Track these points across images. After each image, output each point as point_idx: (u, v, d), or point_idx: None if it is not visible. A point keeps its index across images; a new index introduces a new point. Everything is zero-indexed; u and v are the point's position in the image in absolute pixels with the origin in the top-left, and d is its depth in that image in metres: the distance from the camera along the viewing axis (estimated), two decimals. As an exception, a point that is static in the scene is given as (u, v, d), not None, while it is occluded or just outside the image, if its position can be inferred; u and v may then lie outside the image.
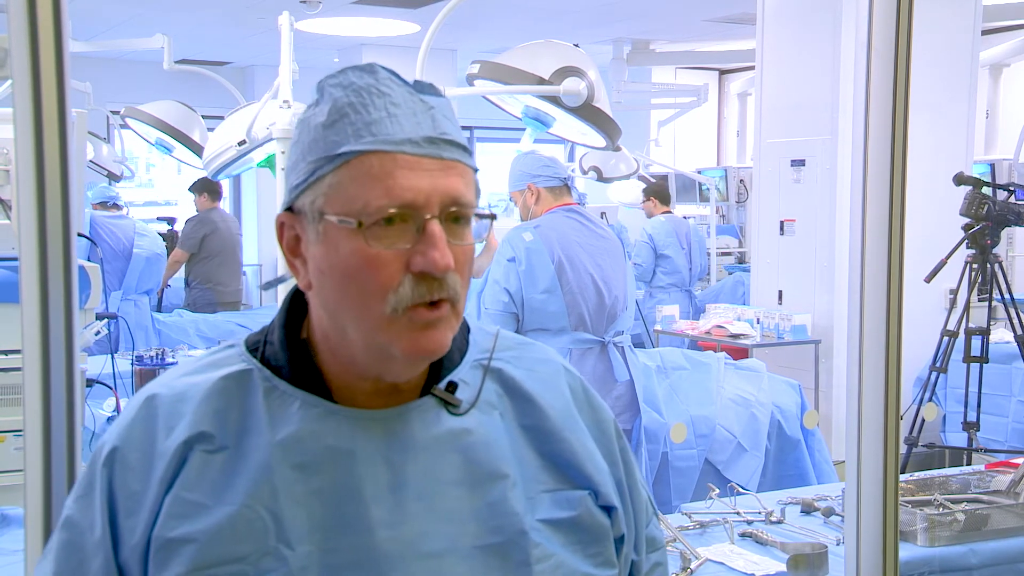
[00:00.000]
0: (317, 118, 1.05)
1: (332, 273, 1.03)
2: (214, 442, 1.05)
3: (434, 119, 1.05)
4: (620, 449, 1.21)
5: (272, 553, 1.01)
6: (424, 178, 1.01)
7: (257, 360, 1.09)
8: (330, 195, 1.02)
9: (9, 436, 2.87)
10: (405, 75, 1.10)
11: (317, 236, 1.04)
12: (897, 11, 1.45)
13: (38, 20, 1.25)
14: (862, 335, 1.53)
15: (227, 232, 7.32)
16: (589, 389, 1.22)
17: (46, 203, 1.27)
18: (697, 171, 9.43)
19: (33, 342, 1.29)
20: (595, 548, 1.12)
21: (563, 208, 3.72)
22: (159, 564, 1.02)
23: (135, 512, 1.04)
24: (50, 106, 1.26)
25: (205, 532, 1.01)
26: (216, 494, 1.03)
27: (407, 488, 1.05)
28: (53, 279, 1.28)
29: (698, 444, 4.12)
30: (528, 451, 1.12)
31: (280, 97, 3.07)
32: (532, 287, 3.55)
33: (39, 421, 1.29)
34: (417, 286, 1.01)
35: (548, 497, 1.11)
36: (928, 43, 5.54)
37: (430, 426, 1.08)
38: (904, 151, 1.49)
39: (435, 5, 6.88)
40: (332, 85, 1.06)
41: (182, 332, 6.23)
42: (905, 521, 2.47)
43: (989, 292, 4.90)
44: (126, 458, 1.06)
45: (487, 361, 1.15)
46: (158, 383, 1.10)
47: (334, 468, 1.04)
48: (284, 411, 1.06)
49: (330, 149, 1.02)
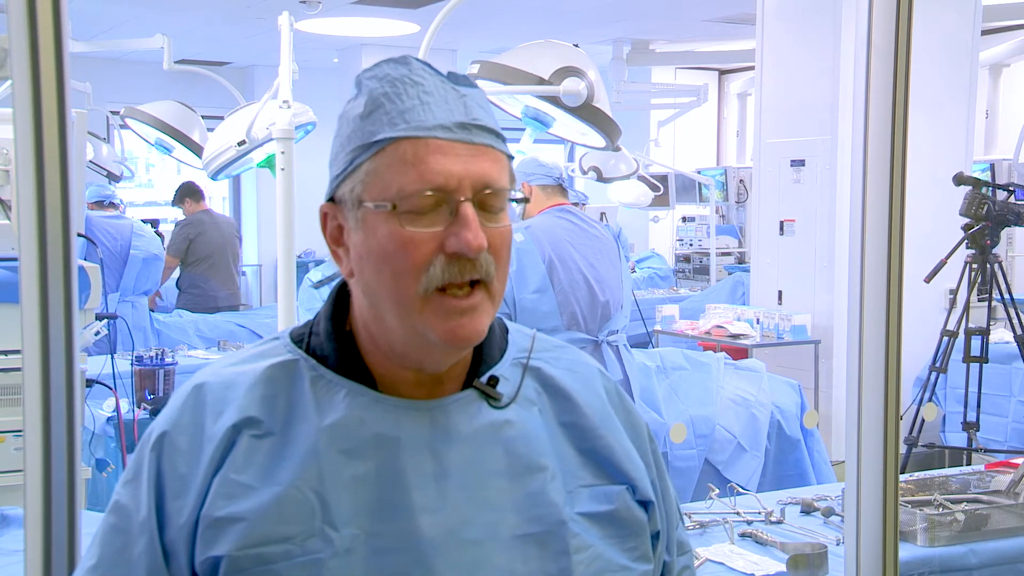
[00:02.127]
0: (355, 110, 1.09)
1: (370, 257, 1.06)
2: (262, 427, 1.07)
3: (466, 106, 1.08)
4: (653, 451, 1.24)
5: (318, 534, 1.03)
6: (456, 162, 1.04)
7: (302, 351, 1.12)
8: (367, 182, 1.06)
9: (9, 436, 2.87)
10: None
11: (356, 223, 1.07)
12: (897, 11, 1.45)
13: (38, 20, 1.25)
14: (862, 335, 1.53)
15: (216, 234, 7.16)
16: (623, 392, 1.25)
17: (46, 203, 1.27)
18: (697, 171, 9.43)
19: (33, 342, 1.28)
20: (632, 542, 1.15)
21: (556, 208, 3.72)
22: (207, 542, 1.04)
23: (183, 494, 1.06)
24: (50, 106, 1.26)
25: (253, 511, 1.03)
26: (264, 476, 1.05)
27: (450, 476, 1.07)
28: (53, 279, 1.28)
29: (698, 444, 4.12)
30: (567, 447, 1.14)
31: (280, 97, 3.07)
32: (523, 287, 3.55)
33: (39, 421, 1.29)
34: (449, 267, 1.04)
35: (586, 492, 1.13)
36: (928, 43, 5.54)
37: (472, 418, 1.11)
38: (904, 151, 1.49)
39: (435, 5, 6.88)
40: (368, 78, 1.10)
41: (182, 332, 6.23)
42: (905, 521, 2.46)
43: (989, 292, 4.90)
44: (175, 442, 1.08)
45: (526, 359, 1.18)
46: (205, 373, 1.13)
47: (380, 455, 1.06)
48: (331, 399, 1.08)
49: (366, 138, 1.06)
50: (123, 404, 3.82)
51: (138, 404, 3.92)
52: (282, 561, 1.02)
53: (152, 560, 1.06)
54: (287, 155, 3.04)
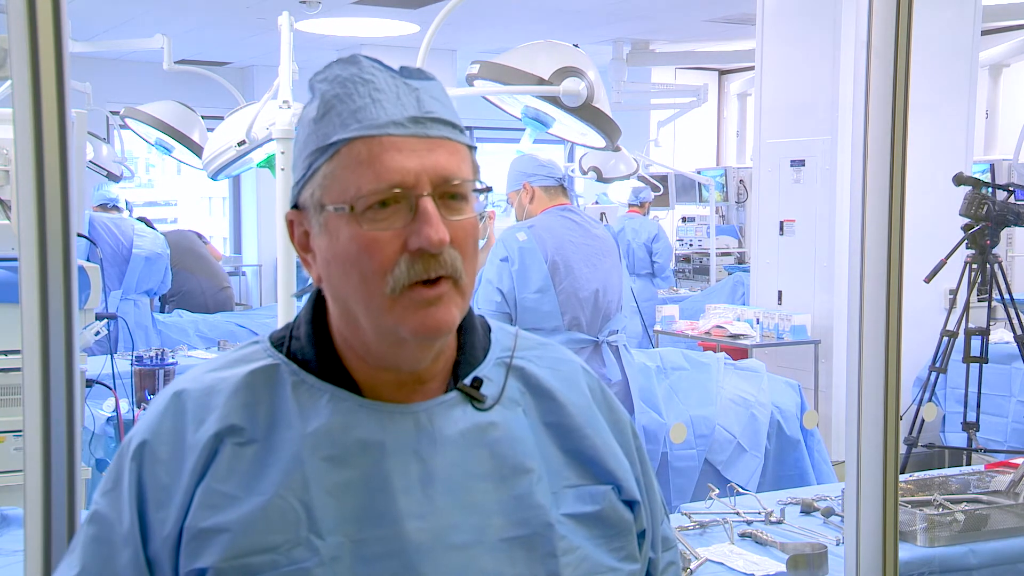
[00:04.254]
0: (309, 114, 1.08)
1: (336, 261, 1.05)
2: (244, 435, 1.06)
3: (419, 99, 1.06)
4: (637, 448, 1.23)
5: (304, 543, 1.02)
6: (411, 158, 1.03)
7: (283, 355, 1.11)
8: (326, 185, 1.05)
9: (9, 436, 2.87)
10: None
11: (320, 228, 1.06)
12: (897, 11, 1.45)
13: (38, 20, 1.25)
14: (862, 335, 1.53)
15: (176, 249, 6.80)
16: (606, 389, 1.24)
17: (46, 203, 1.27)
18: (697, 171, 9.43)
19: (33, 342, 1.28)
20: (619, 542, 1.14)
21: (558, 208, 3.72)
22: (191, 554, 1.03)
23: (165, 504, 1.05)
24: (50, 106, 1.26)
25: (238, 522, 1.02)
26: (248, 485, 1.04)
27: (435, 481, 1.06)
28: (53, 279, 1.28)
29: (698, 444, 4.12)
30: (551, 447, 1.13)
31: (280, 97, 3.06)
32: (525, 287, 3.55)
33: (39, 421, 1.29)
34: (413, 264, 1.02)
35: (572, 492, 1.12)
36: (928, 43, 5.54)
37: (457, 421, 1.09)
38: (904, 151, 1.49)
39: (435, 5, 6.88)
40: (319, 80, 1.09)
41: (182, 332, 6.23)
42: (905, 521, 2.46)
43: (989, 292, 4.90)
44: (156, 451, 1.07)
45: (509, 359, 1.16)
46: (185, 379, 1.12)
47: (364, 460, 1.05)
48: (313, 404, 1.07)
49: (321, 141, 1.05)
50: (123, 404, 3.82)
51: (138, 404, 3.92)
52: (268, 571, 1.01)
53: (137, 572, 1.05)
54: (287, 155, 3.04)
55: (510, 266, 3.56)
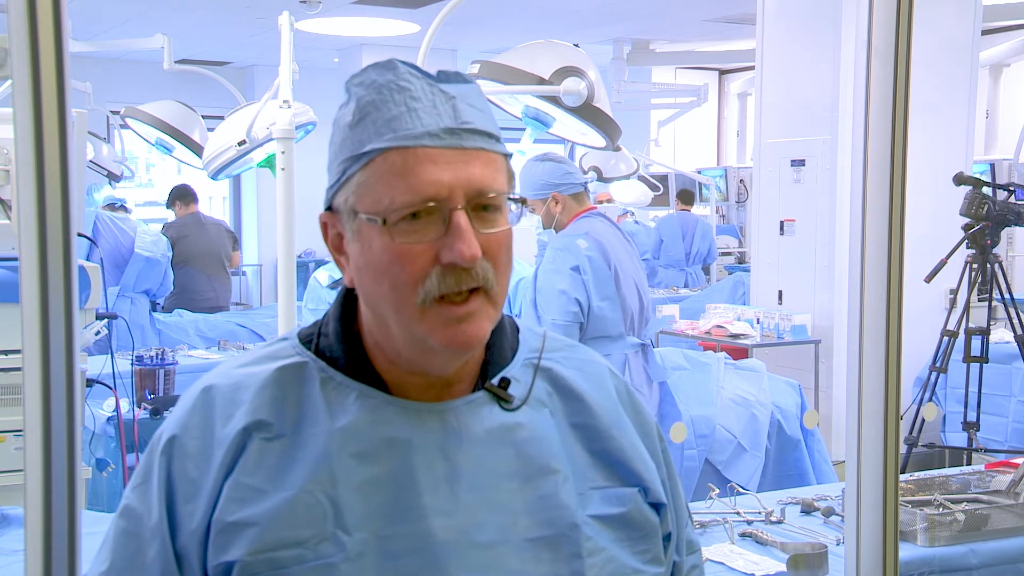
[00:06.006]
0: (345, 118, 1.07)
1: (368, 269, 1.05)
2: (272, 430, 1.06)
3: (455, 108, 1.05)
4: (662, 450, 1.23)
5: (330, 538, 1.03)
6: (446, 171, 1.02)
7: (311, 352, 1.11)
8: (360, 193, 1.04)
9: (9, 436, 2.87)
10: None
11: (353, 234, 1.06)
12: (897, 11, 1.45)
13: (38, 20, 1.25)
14: (862, 335, 1.53)
15: (201, 238, 7.04)
16: (632, 391, 1.24)
17: (46, 203, 1.27)
18: (697, 171, 9.43)
19: (33, 342, 1.28)
20: (644, 545, 1.14)
21: (593, 213, 3.72)
22: (219, 547, 1.03)
23: (194, 498, 1.06)
24: (50, 106, 1.26)
25: (265, 515, 1.03)
26: (275, 480, 1.04)
27: (461, 479, 1.07)
28: (53, 279, 1.28)
29: (698, 444, 4.12)
30: (578, 449, 1.13)
31: (280, 97, 3.07)
32: (597, 295, 3.55)
33: (39, 421, 1.29)
34: (445, 278, 1.02)
35: (598, 494, 1.12)
36: (928, 43, 5.53)
37: (484, 420, 1.10)
38: (904, 151, 1.49)
39: (435, 5, 6.88)
40: (355, 84, 1.08)
41: (182, 332, 6.22)
42: (905, 521, 2.46)
43: (989, 292, 4.90)
44: (184, 445, 1.08)
45: (537, 360, 1.16)
46: (214, 375, 1.12)
47: (391, 457, 1.06)
48: (341, 401, 1.08)
49: (356, 148, 1.05)
50: (123, 404, 3.82)
51: (138, 404, 3.93)
52: (294, 565, 1.02)
53: (165, 565, 1.06)
54: (287, 155, 3.04)
55: (582, 275, 3.53)
